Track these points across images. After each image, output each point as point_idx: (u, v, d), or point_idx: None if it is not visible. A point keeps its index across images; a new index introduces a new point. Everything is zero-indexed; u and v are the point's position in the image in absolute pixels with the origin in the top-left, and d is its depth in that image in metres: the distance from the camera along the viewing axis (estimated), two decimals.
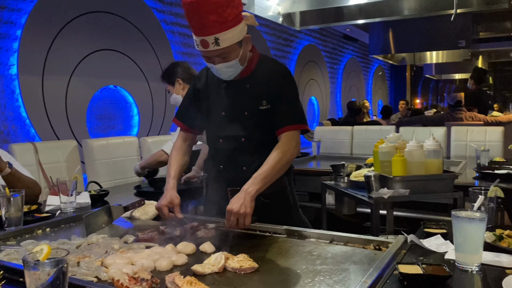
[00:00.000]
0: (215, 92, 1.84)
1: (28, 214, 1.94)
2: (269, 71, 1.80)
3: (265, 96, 1.76)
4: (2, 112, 3.62)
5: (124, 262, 1.29)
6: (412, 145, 2.03)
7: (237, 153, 1.80)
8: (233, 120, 1.80)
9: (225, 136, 1.82)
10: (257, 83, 1.78)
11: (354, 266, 1.31)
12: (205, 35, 1.60)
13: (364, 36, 10.24)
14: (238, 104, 1.79)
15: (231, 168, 1.82)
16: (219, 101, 1.82)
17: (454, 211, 1.28)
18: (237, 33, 1.64)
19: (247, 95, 1.78)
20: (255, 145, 1.79)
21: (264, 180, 1.63)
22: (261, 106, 1.76)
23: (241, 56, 1.70)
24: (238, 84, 1.79)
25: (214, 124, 1.85)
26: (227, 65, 1.68)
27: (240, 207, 1.55)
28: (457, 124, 5.11)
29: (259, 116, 1.77)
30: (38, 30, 3.82)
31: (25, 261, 0.95)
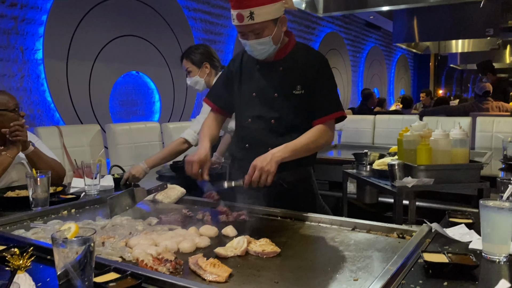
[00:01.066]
0: (248, 73, 1.85)
1: (54, 195, 1.98)
2: (305, 57, 1.80)
3: (300, 81, 1.77)
4: (28, 96, 3.69)
5: (148, 243, 1.31)
6: (438, 134, 1.99)
7: (265, 133, 1.81)
8: (264, 101, 1.81)
9: (254, 116, 1.83)
10: (292, 67, 1.79)
11: (377, 253, 1.30)
12: (241, 9, 1.63)
13: (387, 24, 10.04)
14: (270, 86, 1.80)
15: (256, 148, 1.81)
16: (251, 82, 1.84)
17: (483, 201, 1.25)
18: (272, 10, 1.65)
19: (280, 77, 1.79)
20: (284, 128, 1.80)
21: (293, 152, 1.67)
22: (295, 90, 1.77)
23: (274, 34, 1.70)
24: (271, 66, 1.81)
25: (244, 103, 1.86)
26: (259, 41, 1.69)
27: (265, 165, 1.58)
28: (483, 114, 4.99)
29: (292, 100, 1.78)
30: (63, 15, 3.86)
31: (54, 238, 0.97)
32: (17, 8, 3.56)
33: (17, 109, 2.25)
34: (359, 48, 10.33)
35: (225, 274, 1.10)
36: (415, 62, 14.91)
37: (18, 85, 3.62)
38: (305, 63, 1.79)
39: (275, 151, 1.65)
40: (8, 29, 3.52)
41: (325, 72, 1.80)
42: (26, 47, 3.66)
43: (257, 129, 1.82)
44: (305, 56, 1.81)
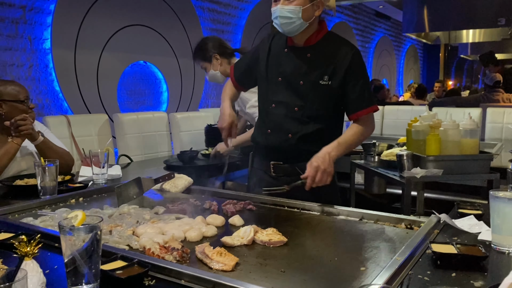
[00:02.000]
0: (276, 56, 1.84)
1: (62, 184, 1.99)
2: (336, 47, 1.77)
3: (327, 71, 1.75)
4: (36, 85, 3.70)
5: (155, 232, 1.31)
6: (447, 124, 1.96)
7: (287, 119, 1.80)
8: (289, 87, 1.79)
9: (278, 101, 1.82)
10: (320, 55, 1.76)
11: (385, 244, 1.29)
12: None
13: (397, 13, 9.92)
14: (296, 72, 1.78)
15: (278, 133, 1.82)
16: (278, 66, 1.82)
17: (492, 191, 1.23)
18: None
19: (307, 64, 1.77)
20: (307, 117, 1.78)
21: (345, 149, 1.72)
22: (321, 80, 1.75)
23: (306, 8, 1.68)
24: (299, 51, 1.79)
25: (269, 87, 1.85)
26: (289, 8, 1.67)
27: (326, 166, 1.62)
28: (493, 105, 4.92)
29: (317, 89, 1.76)
30: (71, 5, 3.86)
31: (61, 226, 0.97)
32: None
33: (27, 100, 2.25)
34: (368, 38, 10.22)
35: (231, 263, 1.10)
36: (425, 52, 14.74)
37: (27, 74, 3.63)
38: (335, 53, 1.75)
39: (330, 150, 1.66)
40: (16, 18, 3.52)
41: (357, 64, 1.77)
42: (34, 36, 3.67)
43: (279, 114, 1.81)
44: (336, 46, 1.77)
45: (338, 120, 1.86)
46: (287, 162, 1.82)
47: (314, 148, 1.72)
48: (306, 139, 1.76)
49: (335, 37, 1.82)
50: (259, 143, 1.91)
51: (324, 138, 1.76)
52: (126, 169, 2.74)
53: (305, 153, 1.72)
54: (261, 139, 1.88)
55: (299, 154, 1.77)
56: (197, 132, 3.73)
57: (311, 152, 1.71)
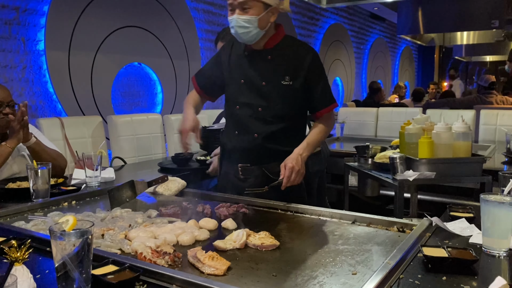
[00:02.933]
0: (237, 60, 1.89)
1: (54, 187, 1.98)
2: (294, 49, 1.84)
3: (288, 72, 1.81)
4: (30, 87, 3.68)
5: (147, 236, 1.31)
6: (440, 127, 1.97)
7: (252, 120, 1.85)
8: (252, 88, 1.84)
9: (242, 103, 1.87)
10: (280, 57, 1.82)
11: (376, 247, 1.29)
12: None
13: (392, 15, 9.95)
14: (258, 74, 1.83)
15: (245, 135, 1.87)
16: (240, 69, 1.87)
17: (483, 195, 1.24)
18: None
19: (268, 66, 1.83)
20: (271, 116, 1.84)
21: (313, 148, 1.82)
22: (283, 81, 1.81)
23: (261, 17, 1.73)
24: (260, 54, 1.84)
25: (233, 90, 1.90)
26: (245, 18, 1.73)
27: (300, 166, 1.71)
28: (487, 107, 4.95)
29: (279, 90, 1.82)
30: (65, 6, 3.84)
31: (52, 231, 0.96)
32: None
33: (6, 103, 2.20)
34: (363, 39, 10.25)
35: (223, 267, 1.10)
36: (420, 54, 14.79)
37: (20, 76, 3.61)
38: (295, 54, 1.83)
39: (301, 151, 1.75)
40: (10, 19, 3.51)
41: (318, 66, 1.86)
42: (27, 37, 3.65)
43: (244, 116, 1.86)
44: (295, 48, 1.85)
45: (302, 119, 1.93)
46: (255, 164, 1.87)
47: (280, 147, 1.82)
48: (272, 139, 1.82)
49: (293, 40, 1.90)
50: (226, 146, 1.95)
51: (289, 136, 1.85)
52: (119, 172, 2.73)
53: (272, 154, 1.82)
54: (229, 141, 1.92)
55: (265, 155, 1.84)
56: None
57: (278, 152, 1.81)
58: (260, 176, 1.87)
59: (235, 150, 1.89)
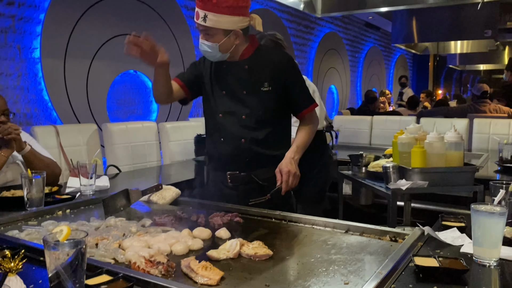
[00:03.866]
0: (216, 72, 1.93)
1: (49, 195, 1.98)
2: (270, 56, 1.90)
3: (266, 78, 1.86)
4: (25, 95, 3.69)
5: (141, 245, 1.31)
6: (432, 137, 2.00)
7: (237, 127, 1.88)
8: (233, 98, 1.88)
9: (225, 111, 1.90)
10: (257, 66, 1.87)
11: (369, 257, 1.30)
12: (199, 8, 1.75)
13: (386, 24, 10.05)
14: (238, 84, 1.88)
15: (230, 141, 1.89)
16: (220, 80, 1.91)
17: (474, 205, 1.26)
18: (226, 22, 1.75)
19: (247, 75, 1.87)
20: (255, 123, 1.87)
21: (303, 150, 1.88)
22: (262, 87, 1.86)
23: (222, 43, 1.78)
24: (237, 65, 1.89)
25: (214, 100, 1.93)
26: (207, 43, 1.79)
27: (295, 169, 1.77)
28: (480, 116, 5.00)
29: (260, 97, 1.86)
30: (61, 14, 3.86)
31: (45, 241, 0.97)
32: (14, 6, 3.56)
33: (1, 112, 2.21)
34: (358, 48, 10.33)
35: (216, 277, 1.11)
36: (414, 62, 14.91)
37: (15, 83, 3.62)
38: (271, 61, 1.88)
39: (293, 155, 1.81)
40: (6, 27, 3.52)
41: (295, 69, 1.92)
42: (23, 45, 3.66)
43: (228, 123, 1.89)
44: (270, 55, 1.91)
45: (286, 122, 1.98)
46: (243, 171, 1.89)
47: (267, 152, 1.86)
48: (259, 143, 1.86)
49: (267, 48, 1.99)
50: (213, 155, 1.97)
51: (275, 141, 1.90)
52: (114, 180, 2.73)
53: (260, 159, 1.86)
54: (214, 150, 1.95)
55: (253, 160, 1.87)
56: (187, 142, 3.73)
57: (265, 157, 1.86)
58: (249, 183, 1.89)
59: (222, 157, 1.91)
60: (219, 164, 1.93)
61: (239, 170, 1.87)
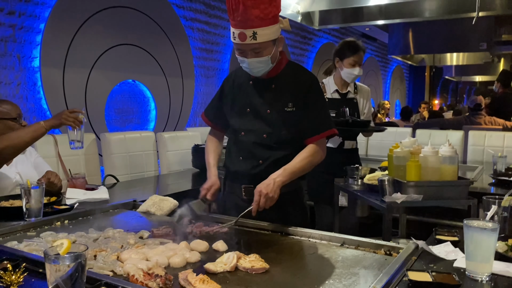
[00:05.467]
0: (242, 89, 1.92)
1: (47, 205, 2.00)
2: (296, 76, 1.89)
3: (291, 99, 1.84)
4: (24, 103, 3.70)
5: (139, 258, 1.33)
6: (427, 151, 2.02)
7: (257, 146, 1.87)
8: (257, 116, 1.88)
9: (248, 129, 1.90)
10: (283, 85, 1.86)
11: (364, 271, 1.32)
12: (245, 28, 1.69)
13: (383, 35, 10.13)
14: (263, 102, 1.87)
15: (249, 160, 1.89)
16: (245, 97, 1.91)
17: (466, 220, 1.29)
18: (274, 31, 1.74)
19: (272, 94, 1.87)
20: (275, 142, 1.86)
21: (291, 175, 1.77)
22: (286, 107, 1.84)
23: (273, 54, 1.78)
24: (264, 83, 1.88)
25: (238, 118, 1.93)
26: (259, 60, 1.76)
27: (269, 191, 1.69)
28: (475, 128, 5.04)
29: (283, 116, 1.85)
30: (61, 24, 3.89)
31: (46, 254, 0.99)
32: (15, 16, 3.59)
33: (19, 118, 2.30)
34: None
35: None
36: (411, 73, 15.02)
37: (14, 92, 3.64)
38: (296, 81, 1.87)
39: (275, 176, 1.74)
40: (6, 36, 3.54)
41: (315, 90, 1.88)
42: (23, 54, 3.69)
43: (249, 142, 1.89)
44: (296, 74, 1.89)
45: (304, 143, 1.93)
46: None
47: None
48: (276, 165, 1.83)
49: (295, 66, 1.94)
50: (230, 169, 1.98)
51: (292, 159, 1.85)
52: (112, 190, 2.75)
53: None
54: (233, 165, 1.95)
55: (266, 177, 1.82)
56: (184, 152, 3.75)
57: None
58: None
59: (239, 174, 1.91)
60: (236, 178, 1.94)
61: (254, 184, 1.83)
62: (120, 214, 1.99)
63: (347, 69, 3.06)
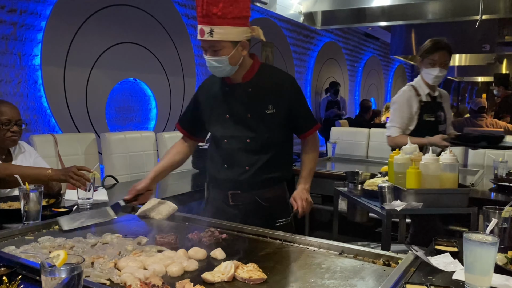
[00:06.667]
0: (218, 96, 1.93)
1: (46, 208, 1.99)
2: (272, 77, 1.91)
3: (270, 100, 1.87)
4: (24, 101, 3.70)
5: (137, 266, 1.32)
6: (427, 158, 2.01)
7: (241, 152, 1.89)
8: (238, 121, 1.89)
9: (230, 136, 1.90)
10: (260, 88, 1.88)
11: (362, 282, 1.32)
12: (204, 24, 1.73)
13: (386, 34, 10.10)
14: (242, 107, 1.88)
15: (234, 167, 1.90)
16: (223, 104, 1.91)
17: (466, 234, 1.28)
18: (234, 33, 1.75)
19: (250, 98, 1.88)
20: (259, 146, 1.88)
21: (311, 178, 1.99)
22: (266, 110, 1.87)
23: (232, 55, 1.77)
24: (240, 87, 1.89)
25: (218, 125, 1.94)
26: (215, 59, 1.78)
27: (308, 196, 1.90)
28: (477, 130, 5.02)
29: (265, 119, 1.87)
30: (62, 22, 3.88)
31: (43, 266, 0.98)
32: (16, 14, 3.58)
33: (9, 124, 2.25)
34: (357, 57, 10.39)
35: None
36: (413, 72, 14.96)
37: (15, 90, 3.63)
38: (273, 83, 1.89)
39: (304, 185, 1.94)
40: (7, 34, 3.53)
41: (295, 89, 1.93)
42: (24, 52, 3.68)
43: (233, 148, 1.90)
44: (272, 76, 1.91)
45: (289, 143, 2.00)
46: (245, 191, 1.91)
47: (270, 175, 1.90)
48: (263, 169, 1.88)
49: (269, 68, 1.97)
50: (215, 177, 1.98)
51: (279, 163, 1.93)
52: (111, 190, 2.74)
53: (262, 182, 1.90)
54: (218, 173, 1.96)
55: (256, 183, 1.90)
56: None
57: (268, 179, 1.90)
58: (251, 202, 1.92)
59: (225, 181, 1.92)
60: (221, 184, 1.95)
61: (240, 190, 1.89)
62: (119, 218, 1.98)
63: (426, 69, 2.87)
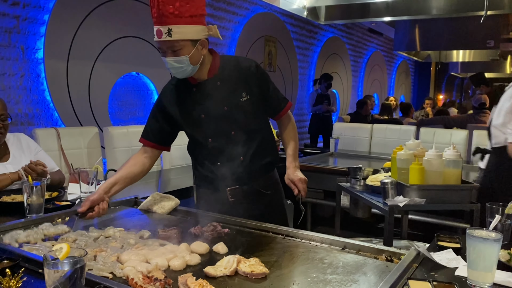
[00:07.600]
0: (186, 98, 1.87)
1: (49, 201, 2.00)
2: (237, 66, 1.88)
3: (242, 88, 1.85)
4: (27, 95, 3.70)
5: (139, 260, 1.33)
6: (431, 154, 2.01)
7: (231, 146, 1.86)
8: (216, 118, 1.85)
9: (213, 134, 1.86)
10: (229, 79, 1.86)
11: (364, 277, 1.31)
12: (161, 25, 1.69)
13: (389, 30, 10.06)
14: (216, 102, 1.84)
15: (228, 162, 1.87)
16: (194, 105, 1.86)
17: (469, 230, 1.27)
18: (192, 32, 1.71)
19: (222, 91, 1.85)
20: (245, 134, 1.87)
21: (297, 154, 2.02)
22: (241, 98, 1.85)
23: (192, 55, 1.73)
24: (209, 84, 1.85)
25: (196, 127, 1.88)
26: (175, 59, 1.73)
27: (301, 176, 1.93)
28: (480, 127, 5.01)
29: (242, 107, 1.85)
30: (65, 15, 3.87)
31: (46, 259, 0.98)
32: (19, 7, 3.57)
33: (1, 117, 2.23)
34: (360, 53, 10.34)
35: None
36: (416, 68, 14.93)
37: (18, 83, 3.63)
38: (240, 71, 1.87)
39: (294, 163, 1.97)
40: (10, 27, 3.53)
41: (263, 73, 1.93)
42: (27, 46, 3.67)
43: (221, 145, 1.86)
44: (236, 65, 1.89)
45: (268, 128, 2.02)
46: (244, 184, 1.89)
47: (263, 161, 1.91)
48: (255, 155, 1.87)
49: (231, 58, 1.93)
50: (208, 177, 1.91)
51: (265, 147, 1.93)
52: None
53: (257, 170, 1.89)
54: (212, 173, 1.90)
55: (252, 173, 1.88)
56: None
57: (261, 166, 1.90)
58: (252, 195, 1.91)
59: (222, 179, 1.86)
60: (217, 183, 1.89)
61: (239, 185, 1.87)
62: (121, 212, 1.99)
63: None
